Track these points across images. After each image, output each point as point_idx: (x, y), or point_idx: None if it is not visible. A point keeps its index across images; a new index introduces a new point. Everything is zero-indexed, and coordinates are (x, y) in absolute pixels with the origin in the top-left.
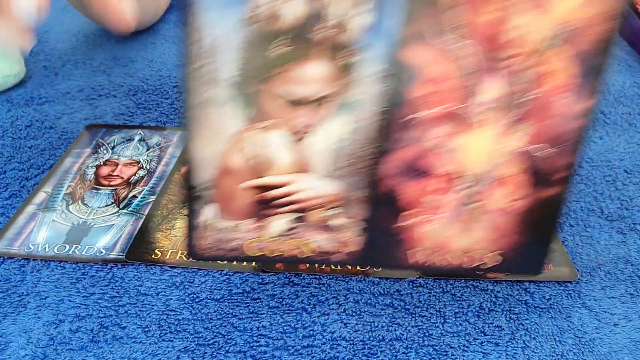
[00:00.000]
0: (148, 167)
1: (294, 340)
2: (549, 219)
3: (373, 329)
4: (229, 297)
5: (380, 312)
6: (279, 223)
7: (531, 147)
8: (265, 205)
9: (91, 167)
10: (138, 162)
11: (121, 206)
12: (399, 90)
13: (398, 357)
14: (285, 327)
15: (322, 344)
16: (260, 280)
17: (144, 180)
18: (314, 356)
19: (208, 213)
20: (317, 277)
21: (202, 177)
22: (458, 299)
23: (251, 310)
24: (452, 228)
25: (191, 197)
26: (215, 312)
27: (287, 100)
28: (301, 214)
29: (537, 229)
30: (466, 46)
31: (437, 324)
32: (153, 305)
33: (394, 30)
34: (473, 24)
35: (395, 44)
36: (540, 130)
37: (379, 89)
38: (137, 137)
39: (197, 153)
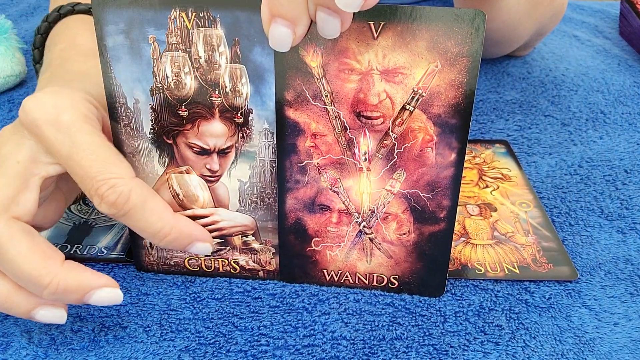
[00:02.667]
0: None
1: (294, 339)
2: (439, 250)
3: (373, 328)
4: (229, 297)
5: (380, 312)
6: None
7: (408, 191)
8: None
9: None
10: None
11: None
12: (291, 142)
13: (398, 356)
14: (286, 327)
15: (322, 343)
16: (260, 280)
17: None
18: (314, 355)
19: None
20: None
21: None
22: (458, 298)
23: (252, 310)
24: (353, 254)
25: None
26: (216, 311)
27: (196, 150)
28: (225, 239)
29: (429, 259)
30: (337, 108)
31: (437, 324)
32: (154, 305)
33: (274, 95)
34: (342, 91)
35: (280, 105)
36: (415, 177)
37: (270, 141)
38: None
39: None
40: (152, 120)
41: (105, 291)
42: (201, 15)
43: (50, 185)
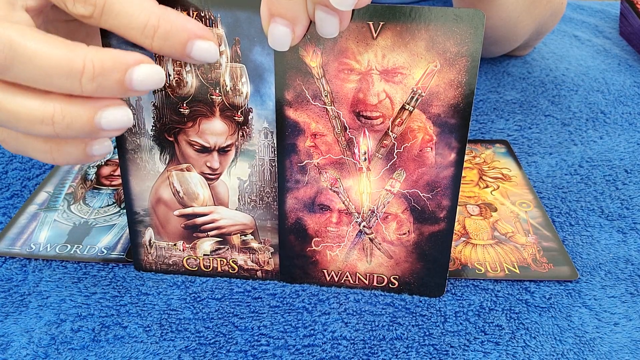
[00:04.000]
0: None
1: (294, 339)
2: (439, 250)
3: (374, 328)
4: (230, 297)
5: (380, 312)
6: (207, 244)
7: (407, 191)
8: (194, 229)
9: (92, 167)
10: None
11: (122, 206)
12: (291, 141)
13: (399, 356)
14: (286, 327)
15: (322, 343)
16: (259, 280)
17: None
18: (314, 355)
19: (150, 234)
20: None
21: (141, 205)
22: (458, 298)
23: (252, 310)
24: (353, 254)
25: (134, 221)
26: (216, 311)
27: (197, 148)
28: (224, 237)
29: (429, 259)
30: (337, 108)
31: (437, 323)
32: (154, 305)
33: (273, 95)
34: (341, 91)
35: (280, 104)
36: (414, 177)
37: (269, 141)
38: None
39: (134, 187)
40: (154, 117)
41: (145, 67)
42: (202, 14)
43: (38, 17)
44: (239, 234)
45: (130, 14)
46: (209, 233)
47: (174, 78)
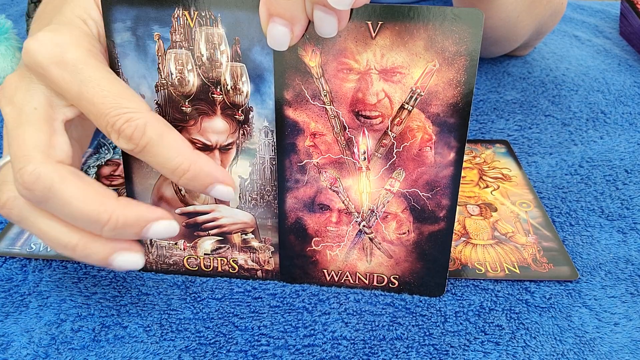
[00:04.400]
0: None
1: (294, 339)
2: (439, 249)
3: (374, 328)
4: (230, 297)
5: (381, 312)
6: (207, 243)
7: (407, 191)
8: (195, 228)
9: (93, 167)
10: None
11: None
12: (290, 141)
13: (399, 356)
14: (286, 327)
15: (323, 343)
16: (259, 280)
17: None
18: (315, 355)
19: None
20: None
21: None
22: (459, 298)
23: (252, 310)
24: (353, 254)
25: None
26: (216, 311)
27: (199, 146)
28: (225, 236)
29: (429, 258)
30: (336, 108)
31: (437, 323)
32: (154, 305)
33: (273, 94)
34: (340, 91)
35: (280, 104)
36: (414, 177)
37: (270, 139)
38: None
39: (137, 186)
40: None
41: (162, 224)
42: (203, 14)
43: (70, 128)
44: (239, 233)
45: (167, 157)
46: (209, 232)
47: (177, 77)
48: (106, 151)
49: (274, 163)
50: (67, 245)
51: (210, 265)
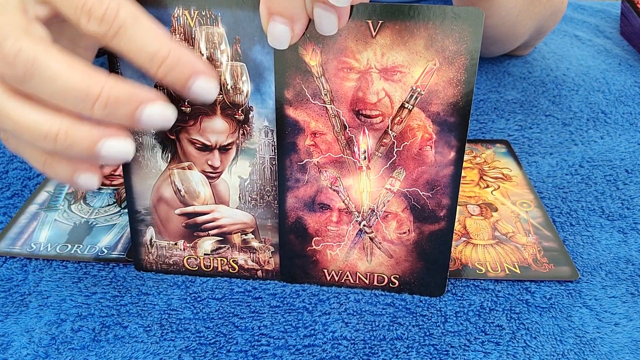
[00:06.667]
0: None
1: (295, 339)
2: (439, 249)
3: (374, 329)
4: (230, 297)
5: (381, 312)
6: (207, 243)
7: (407, 190)
8: (195, 228)
9: None
10: None
11: (123, 205)
12: (290, 140)
13: (399, 356)
14: (286, 327)
15: (323, 343)
16: (259, 280)
17: None
18: (315, 355)
19: (151, 233)
20: None
21: (142, 204)
22: (459, 298)
23: (252, 310)
24: (353, 254)
25: (136, 220)
26: (216, 311)
27: (198, 146)
28: (225, 237)
29: (429, 258)
30: (336, 107)
31: (437, 324)
32: (155, 305)
33: (273, 93)
34: (341, 90)
35: (280, 103)
36: (414, 176)
37: (270, 139)
38: None
39: (136, 186)
40: None
41: (158, 105)
42: (203, 13)
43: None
44: (239, 233)
45: (143, 41)
46: (209, 232)
47: None
48: None
49: (274, 163)
50: (47, 134)
51: (210, 265)
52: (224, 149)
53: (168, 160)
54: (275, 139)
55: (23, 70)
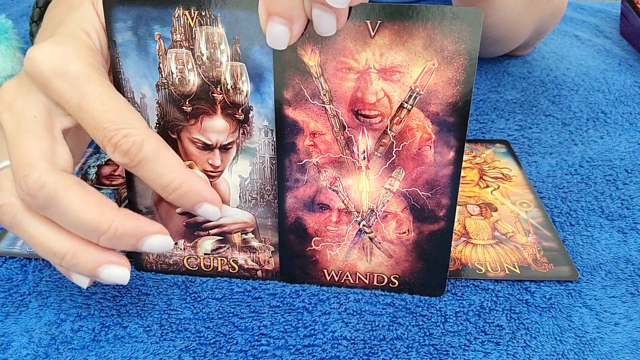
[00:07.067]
0: None
1: (295, 339)
2: (439, 249)
3: (374, 328)
4: (230, 297)
5: (381, 312)
6: (207, 243)
7: (407, 190)
8: (196, 227)
9: (93, 166)
10: None
11: (122, 206)
12: (290, 140)
13: (399, 356)
14: (286, 327)
15: (323, 343)
16: (259, 280)
17: None
18: (315, 355)
19: None
20: None
21: (143, 203)
22: (459, 298)
23: (252, 310)
24: (353, 254)
25: None
26: (216, 311)
27: (199, 145)
28: (225, 236)
29: (429, 258)
30: (335, 107)
31: (437, 323)
32: (154, 305)
33: (272, 93)
34: (340, 90)
35: (279, 104)
36: (413, 176)
37: (270, 139)
38: None
39: (137, 185)
40: (157, 115)
41: (158, 238)
42: (203, 13)
43: (66, 138)
44: (239, 233)
45: (160, 174)
46: (210, 231)
47: (177, 76)
48: None
49: (273, 162)
50: (57, 253)
51: (210, 265)
52: (224, 148)
53: None
54: (274, 139)
55: (43, 202)
